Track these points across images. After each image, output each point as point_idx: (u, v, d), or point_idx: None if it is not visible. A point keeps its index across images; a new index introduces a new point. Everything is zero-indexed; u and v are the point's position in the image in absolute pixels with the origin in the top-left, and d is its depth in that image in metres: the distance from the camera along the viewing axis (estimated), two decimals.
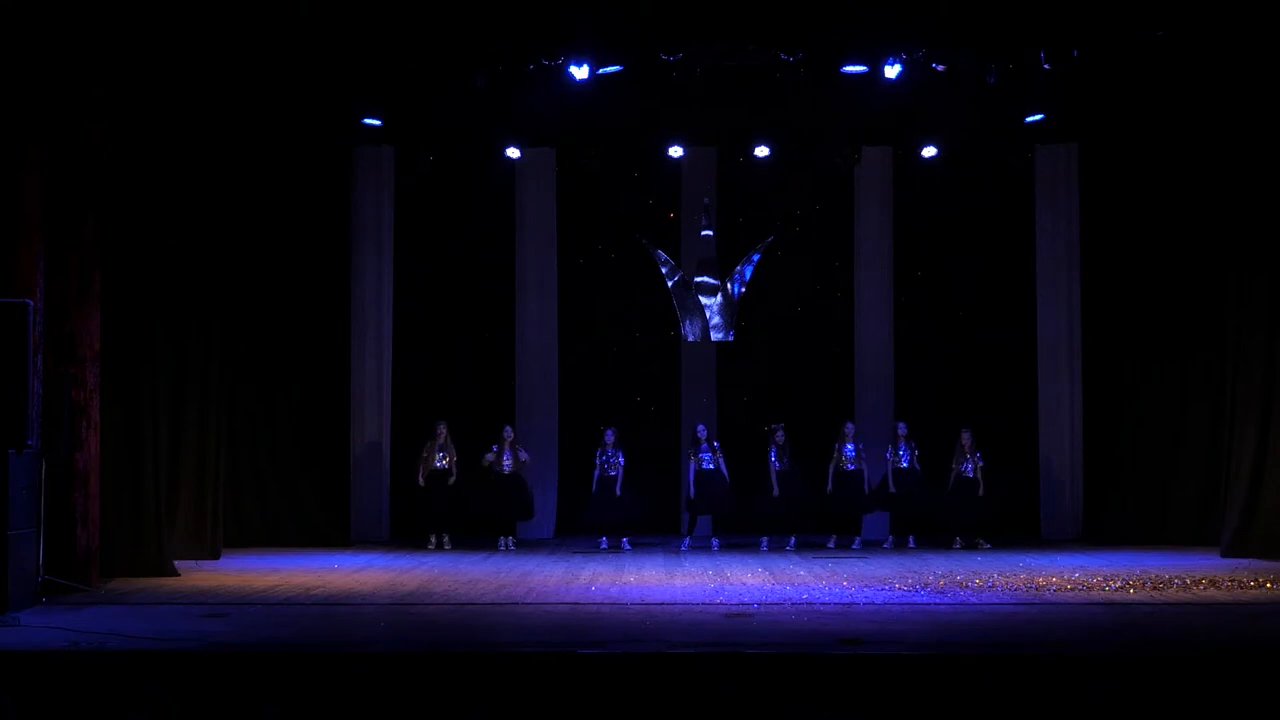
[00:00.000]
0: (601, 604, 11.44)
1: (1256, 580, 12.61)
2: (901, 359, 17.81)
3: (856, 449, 16.32)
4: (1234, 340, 15.06)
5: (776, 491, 16.10)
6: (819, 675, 8.60)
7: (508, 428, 16.68)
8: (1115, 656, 9.06)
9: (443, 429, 16.46)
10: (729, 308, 16.77)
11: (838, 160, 17.69)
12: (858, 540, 16.40)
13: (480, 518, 16.58)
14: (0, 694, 8.25)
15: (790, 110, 16.20)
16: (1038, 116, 16.45)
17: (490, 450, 16.42)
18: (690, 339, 17.10)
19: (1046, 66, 14.94)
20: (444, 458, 16.39)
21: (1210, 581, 12.56)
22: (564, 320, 17.97)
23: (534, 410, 17.66)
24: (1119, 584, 12.48)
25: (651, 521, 16.91)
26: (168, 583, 12.91)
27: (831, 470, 16.33)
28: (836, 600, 11.57)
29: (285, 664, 8.84)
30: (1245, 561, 14.17)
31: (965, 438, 16.32)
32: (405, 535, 17.04)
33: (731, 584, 12.74)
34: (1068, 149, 17.44)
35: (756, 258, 16.92)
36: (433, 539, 16.41)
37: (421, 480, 16.40)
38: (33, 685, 8.47)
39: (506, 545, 16.33)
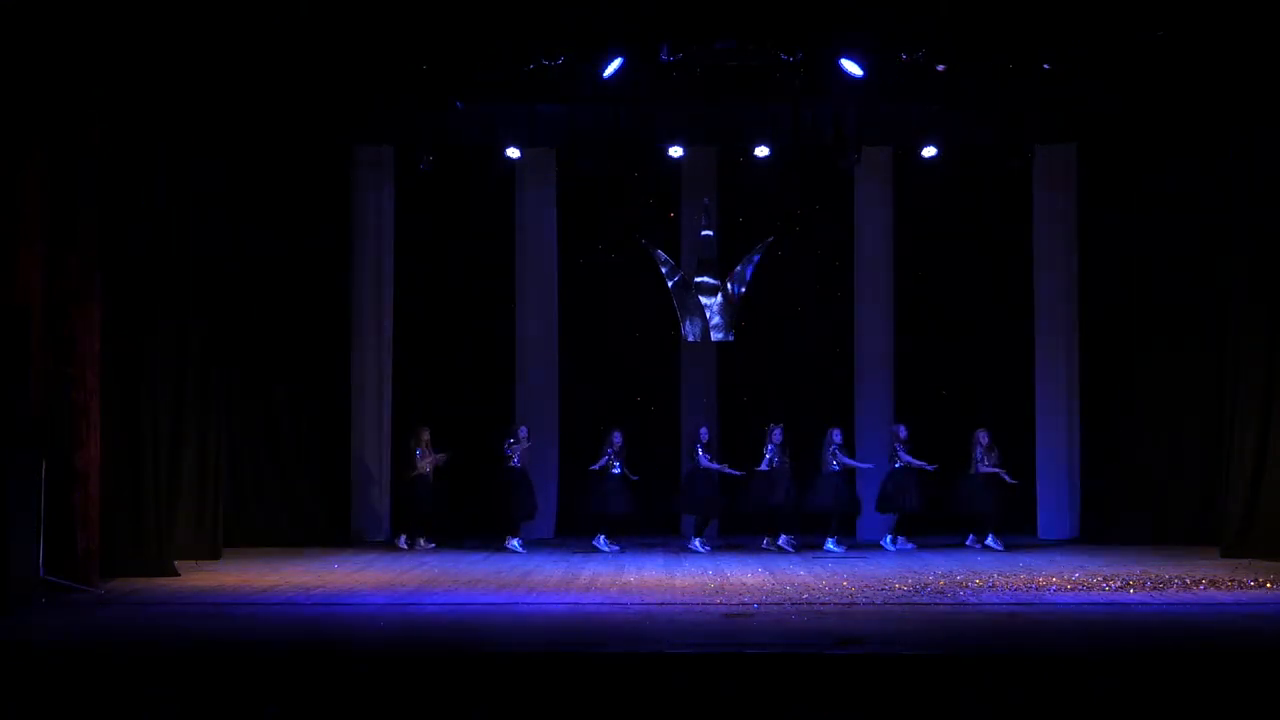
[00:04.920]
0: (601, 604, 11.45)
1: (1256, 580, 12.61)
2: (901, 358, 17.78)
3: (830, 452, 16.23)
4: (1234, 340, 15.07)
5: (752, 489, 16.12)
6: (819, 675, 8.61)
7: (523, 428, 16.67)
8: (1115, 656, 9.06)
9: (426, 433, 16.45)
10: (729, 308, 16.74)
11: (838, 160, 17.67)
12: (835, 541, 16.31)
13: (486, 514, 16.55)
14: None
15: (790, 110, 16.19)
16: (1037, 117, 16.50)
17: (508, 442, 16.38)
18: (690, 339, 17.06)
19: (1046, 66, 14.94)
20: (425, 460, 16.37)
21: (1210, 581, 12.56)
22: (564, 320, 17.94)
23: (534, 410, 17.64)
24: (1119, 584, 12.48)
25: (651, 522, 16.91)
26: (168, 583, 12.91)
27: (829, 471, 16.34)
28: (836, 600, 11.58)
29: (285, 664, 8.85)
30: (1245, 561, 14.18)
31: (982, 436, 16.29)
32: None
33: (731, 584, 12.74)
34: (1067, 149, 17.42)
35: (756, 258, 16.88)
36: (421, 541, 16.35)
37: (425, 471, 16.38)
38: (33, 685, 8.47)
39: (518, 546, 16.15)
